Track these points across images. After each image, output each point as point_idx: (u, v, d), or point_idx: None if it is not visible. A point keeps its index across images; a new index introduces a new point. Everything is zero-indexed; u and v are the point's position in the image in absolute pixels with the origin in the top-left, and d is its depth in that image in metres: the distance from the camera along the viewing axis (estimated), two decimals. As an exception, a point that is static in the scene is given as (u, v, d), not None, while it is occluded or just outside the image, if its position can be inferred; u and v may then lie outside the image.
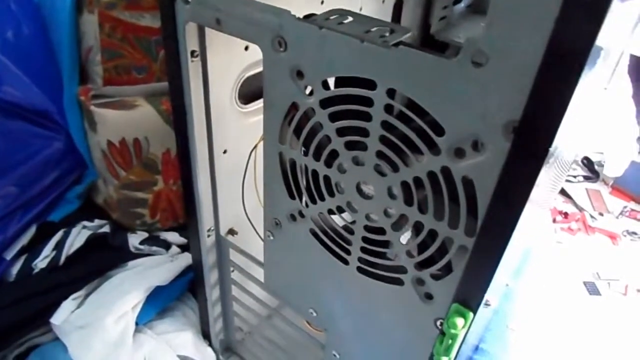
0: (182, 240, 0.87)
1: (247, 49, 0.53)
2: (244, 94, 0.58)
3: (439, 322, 0.42)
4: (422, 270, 0.41)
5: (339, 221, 0.47)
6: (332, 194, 0.44)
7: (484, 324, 0.69)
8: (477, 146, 0.32)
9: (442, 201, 0.36)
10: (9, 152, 0.77)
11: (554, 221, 1.29)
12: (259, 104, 0.60)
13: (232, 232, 0.66)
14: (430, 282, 0.41)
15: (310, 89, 0.40)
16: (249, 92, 0.58)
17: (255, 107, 0.60)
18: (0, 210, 0.76)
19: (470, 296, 0.38)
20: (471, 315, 0.39)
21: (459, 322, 0.39)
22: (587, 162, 1.47)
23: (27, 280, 0.76)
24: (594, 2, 0.24)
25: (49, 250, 0.79)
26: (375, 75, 0.35)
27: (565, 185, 1.39)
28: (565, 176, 1.19)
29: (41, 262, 0.77)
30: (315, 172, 0.44)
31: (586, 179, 1.45)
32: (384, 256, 0.44)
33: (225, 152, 0.58)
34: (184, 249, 0.86)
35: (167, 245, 0.86)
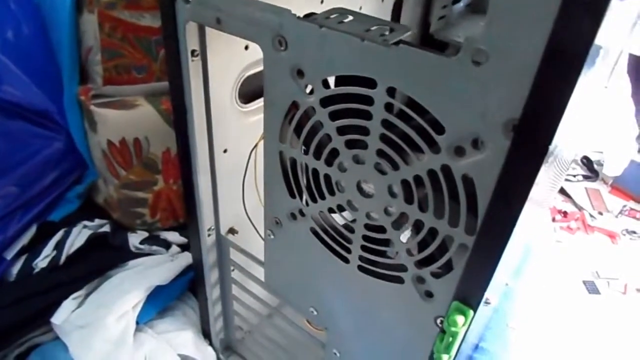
0: (183, 239, 0.87)
1: (247, 48, 0.53)
2: (244, 93, 0.58)
3: (439, 320, 0.42)
4: (422, 268, 0.41)
5: (340, 220, 0.47)
6: (332, 193, 0.44)
7: (484, 322, 0.69)
8: (477, 144, 0.33)
9: (442, 199, 0.36)
10: (9, 152, 0.77)
11: (554, 220, 1.29)
12: (259, 103, 0.60)
13: (232, 231, 0.66)
14: (430, 280, 0.41)
15: (310, 88, 0.40)
16: (249, 92, 0.58)
17: (255, 106, 0.60)
18: (0, 210, 0.76)
19: (470, 294, 0.39)
20: (471, 313, 0.39)
21: (460, 320, 0.39)
22: (586, 162, 1.47)
23: (27, 279, 0.76)
24: (593, 1, 0.25)
25: (49, 249, 0.79)
26: (375, 73, 0.35)
27: (564, 184, 1.39)
28: (564, 175, 1.19)
29: (42, 262, 0.77)
30: (315, 171, 0.44)
31: (585, 178, 1.45)
32: (385, 254, 0.44)
33: (225, 151, 0.58)
34: (184, 248, 0.86)
35: (167, 244, 0.86)
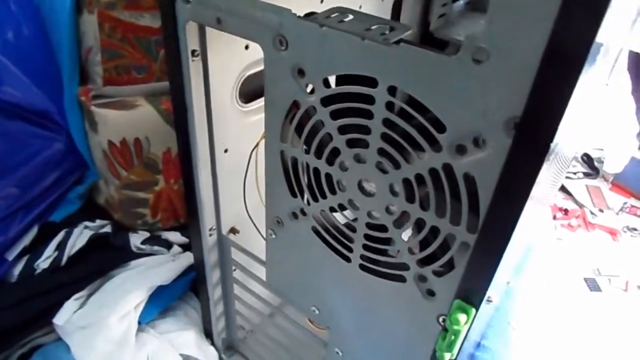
0: (184, 239, 0.88)
1: (247, 47, 0.53)
2: (245, 93, 0.58)
3: (441, 319, 0.42)
4: (424, 267, 0.41)
5: (341, 219, 0.47)
6: (333, 192, 0.44)
7: (485, 320, 0.69)
8: (479, 143, 0.33)
9: (443, 198, 0.36)
10: (9, 153, 0.77)
11: (554, 218, 1.29)
12: (259, 102, 0.60)
13: (233, 231, 0.66)
14: (432, 279, 0.41)
15: (311, 87, 0.40)
16: (249, 91, 0.58)
17: (255, 106, 0.60)
18: (1, 211, 0.76)
19: (472, 292, 0.39)
20: (473, 311, 0.39)
21: (462, 318, 0.39)
22: (586, 159, 1.47)
23: (29, 280, 0.77)
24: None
25: (50, 250, 0.79)
26: (376, 72, 0.35)
27: (565, 181, 1.39)
28: (565, 173, 1.19)
29: (43, 263, 0.78)
30: (316, 170, 0.44)
31: (586, 175, 1.45)
32: (386, 253, 0.44)
33: (226, 151, 0.58)
34: (185, 248, 0.86)
35: (168, 244, 0.86)
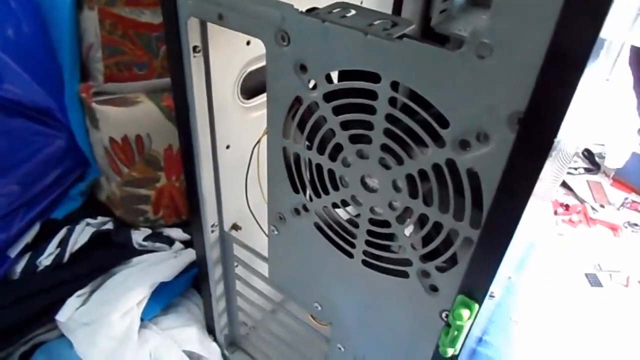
0: (185, 236, 0.88)
1: (248, 43, 0.53)
2: (246, 89, 0.58)
3: (444, 314, 0.42)
4: (427, 262, 0.41)
5: (344, 214, 0.47)
6: (336, 188, 0.44)
7: (487, 316, 0.70)
8: (482, 138, 0.32)
9: (447, 193, 0.36)
10: (10, 151, 0.77)
11: (555, 213, 1.29)
12: (261, 98, 0.60)
13: (235, 227, 0.66)
14: (435, 275, 0.41)
15: (313, 83, 0.40)
16: (251, 87, 0.58)
17: (257, 102, 0.60)
18: (3, 208, 0.76)
19: (475, 288, 0.39)
20: (476, 306, 0.39)
21: (465, 313, 0.39)
22: (587, 154, 1.47)
23: (31, 277, 0.77)
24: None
25: (52, 247, 0.79)
26: (379, 68, 0.35)
27: (566, 177, 1.39)
28: (566, 168, 1.19)
29: (45, 260, 0.78)
30: (319, 166, 0.44)
31: (587, 170, 1.45)
32: (389, 249, 0.44)
33: (228, 147, 0.58)
34: (187, 245, 0.86)
35: (170, 241, 0.86)
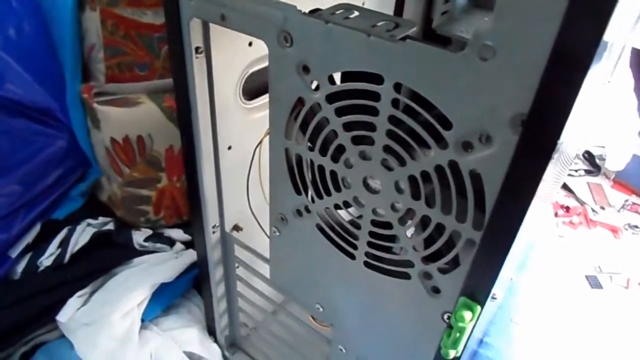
0: (186, 237, 0.88)
1: (250, 44, 0.53)
2: (248, 90, 0.58)
3: (446, 316, 0.42)
4: (429, 264, 0.41)
5: (345, 216, 0.47)
6: (338, 189, 0.44)
7: (488, 317, 0.70)
8: (485, 139, 0.32)
9: (449, 195, 0.36)
10: (12, 151, 0.76)
11: (556, 215, 1.29)
12: (262, 99, 0.60)
13: (237, 228, 0.66)
14: (437, 276, 0.41)
15: (316, 84, 0.40)
16: (253, 88, 0.58)
17: (259, 103, 0.60)
18: (4, 208, 0.76)
19: (477, 289, 0.39)
20: (479, 308, 0.39)
21: (467, 315, 0.39)
22: (588, 156, 1.47)
23: (32, 278, 0.77)
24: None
25: (53, 248, 0.79)
26: (382, 69, 0.35)
27: (566, 179, 1.39)
28: (567, 170, 1.19)
29: (46, 260, 0.78)
30: (321, 167, 0.44)
31: (587, 172, 1.45)
32: (391, 250, 0.44)
33: (229, 148, 0.58)
34: (188, 245, 0.86)
35: (171, 242, 0.86)
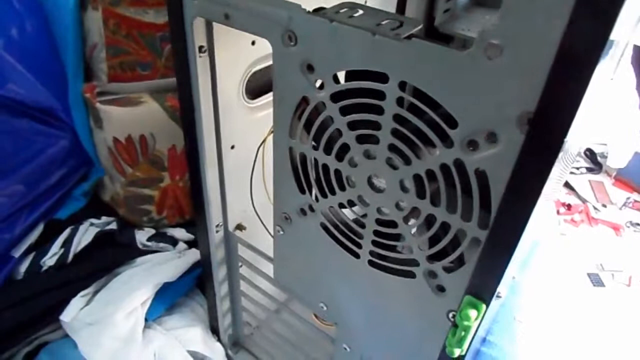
0: (189, 236, 0.88)
1: (254, 43, 0.53)
2: (251, 89, 0.58)
3: (451, 315, 0.42)
4: (434, 263, 0.41)
5: (350, 215, 0.47)
6: (343, 188, 0.44)
7: (491, 316, 0.69)
8: (491, 138, 0.32)
9: (455, 194, 0.36)
10: (14, 151, 0.76)
11: (558, 213, 1.29)
12: (266, 98, 0.60)
13: (240, 227, 0.66)
14: (442, 275, 0.41)
15: (320, 83, 0.40)
16: (256, 87, 0.58)
17: (262, 102, 0.60)
18: (7, 208, 0.76)
19: (482, 288, 0.39)
20: (484, 307, 0.39)
21: (472, 314, 0.39)
22: (590, 154, 1.47)
23: (35, 278, 0.77)
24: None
25: (56, 248, 0.79)
26: (387, 68, 0.35)
27: (568, 177, 1.39)
28: (570, 168, 1.19)
29: (49, 260, 0.78)
30: (325, 166, 0.44)
31: (589, 170, 1.45)
32: (396, 249, 0.44)
33: (233, 147, 0.58)
34: (190, 245, 0.86)
35: (174, 241, 0.86)
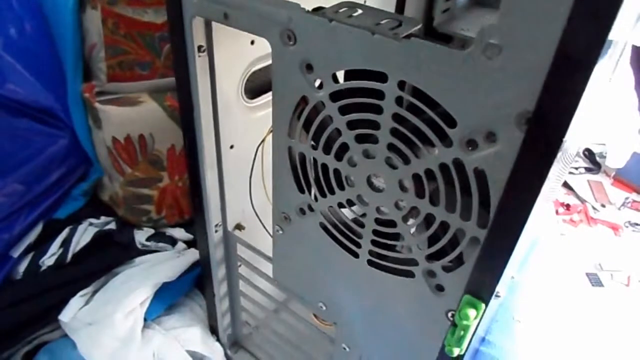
0: (188, 236, 0.88)
1: (253, 43, 0.53)
2: (250, 89, 0.58)
3: (450, 314, 0.42)
4: (433, 262, 0.41)
5: (349, 214, 0.47)
6: (342, 188, 0.44)
7: (490, 315, 0.70)
8: (490, 137, 0.32)
9: (454, 193, 0.36)
10: (13, 150, 0.76)
11: (556, 213, 1.29)
12: (265, 98, 0.60)
13: (239, 227, 0.66)
14: (441, 274, 0.41)
15: (319, 82, 0.40)
16: (255, 87, 0.58)
17: (261, 101, 0.60)
18: (6, 208, 0.76)
19: (482, 287, 0.39)
20: (483, 306, 0.39)
21: (471, 313, 0.39)
22: (588, 154, 1.47)
23: (34, 278, 0.77)
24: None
25: (55, 247, 0.79)
26: (386, 67, 0.35)
27: (567, 177, 1.39)
28: (568, 168, 1.19)
29: (48, 260, 0.77)
30: (325, 166, 0.44)
31: (588, 170, 1.45)
32: (395, 249, 0.44)
33: (232, 147, 0.58)
34: (189, 244, 0.86)
35: (173, 241, 0.86)
